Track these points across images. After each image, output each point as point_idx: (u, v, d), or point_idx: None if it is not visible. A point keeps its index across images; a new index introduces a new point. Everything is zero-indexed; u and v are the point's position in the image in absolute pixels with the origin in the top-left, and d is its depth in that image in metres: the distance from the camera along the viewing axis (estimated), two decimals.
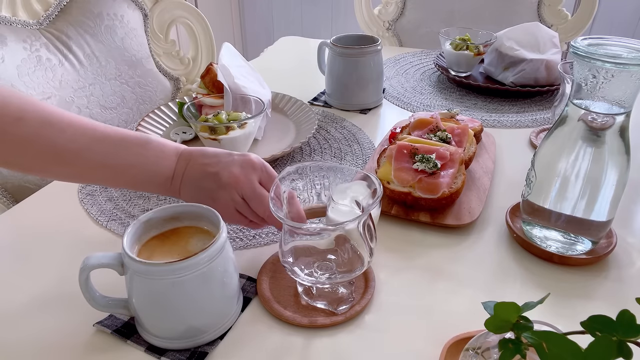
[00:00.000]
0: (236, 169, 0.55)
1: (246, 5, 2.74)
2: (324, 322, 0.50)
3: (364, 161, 0.81)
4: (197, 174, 0.56)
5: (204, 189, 0.55)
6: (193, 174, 0.56)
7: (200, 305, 0.46)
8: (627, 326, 0.31)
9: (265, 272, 0.56)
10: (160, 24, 1.11)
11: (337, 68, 0.97)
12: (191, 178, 0.56)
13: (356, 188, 0.52)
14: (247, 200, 0.55)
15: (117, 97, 0.99)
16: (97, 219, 0.67)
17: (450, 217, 0.65)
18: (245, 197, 0.55)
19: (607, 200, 0.54)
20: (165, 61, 1.13)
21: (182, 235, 0.50)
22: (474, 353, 0.39)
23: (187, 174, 0.56)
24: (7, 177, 0.78)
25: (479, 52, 1.08)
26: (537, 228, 0.59)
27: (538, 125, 0.93)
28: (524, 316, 0.35)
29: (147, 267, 0.44)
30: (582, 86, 0.51)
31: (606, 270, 0.57)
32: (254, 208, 0.55)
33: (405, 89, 1.10)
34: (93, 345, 0.49)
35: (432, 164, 0.65)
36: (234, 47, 0.92)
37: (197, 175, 0.56)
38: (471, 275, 0.57)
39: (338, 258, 0.50)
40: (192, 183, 0.56)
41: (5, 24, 0.83)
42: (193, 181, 0.56)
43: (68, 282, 0.54)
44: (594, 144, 0.52)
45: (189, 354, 0.47)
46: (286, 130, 0.89)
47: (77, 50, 0.93)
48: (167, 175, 0.56)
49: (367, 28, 1.57)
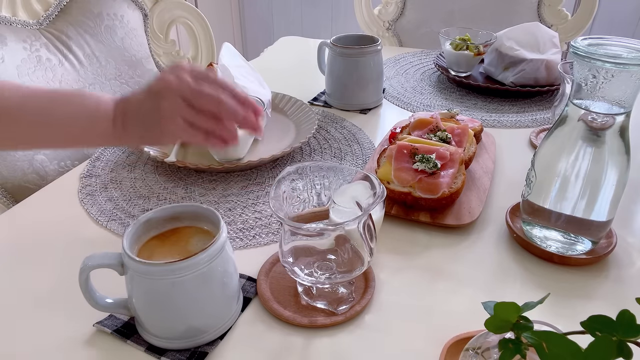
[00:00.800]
0: (166, 75, 0.53)
1: (246, 5, 2.74)
2: (324, 322, 0.50)
3: (364, 161, 0.81)
4: (136, 102, 0.55)
5: (145, 113, 0.54)
6: (133, 106, 0.55)
7: (200, 305, 0.46)
8: (627, 326, 0.31)
9: (265, 272, 0.56)
10: (160, 24, 1.11)
11: (337, 68, 0.97)
12: (132, 110, 0.55)
13: (357, 188, 0.52)
14: (191, 99, 0.52)
15: None
16: (97, 219, 0.67)
17: (450, 217, 0.65)
18: (187, 97, 0.52)
19: (607, 200, 0.54)
20: (166, 61, 1.13)
21: (182, 235, 0.50)
22: (474, 353, 0.39)
23: (128, 108, 0.55)
24: (7, 177, 0.78)
25: (479, 52, 1.08)
26: (537, 228, 0.59)
27: (538, 125, 0.93)
28: (524, 316, 0.35)
29: (147, 267, 0.44)
30: (582, 86, 0.51)
31: (606, 270, 0.57)
32: (200, 105, 0.52)
33: (405, 89, 1.10)
34: (93, 345, 0.49)
35: (432, 164, 0.65)
36: (234, 47, 0.92)
37: (136, 104, 0.55)
38: (471, 275, 0.57)
39: (338, 258, 0.50)
40: (134, 114, 0.55)
41: (5, 24, 0.83)
42: (134, 112, 0.55)
43: (68, 282, 0.54)
44: (594, 144, 0.52)
45: (189, 354, 0.47)
46: (286, 130, 0.89)
47: (77, 50, 0.93)
48: (108, 118, 0.55)
49: (367, 28, 1.57)
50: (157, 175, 0.77)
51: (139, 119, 0.55)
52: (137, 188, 0.74)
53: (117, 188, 0.74)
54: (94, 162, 0.81)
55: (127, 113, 0.55)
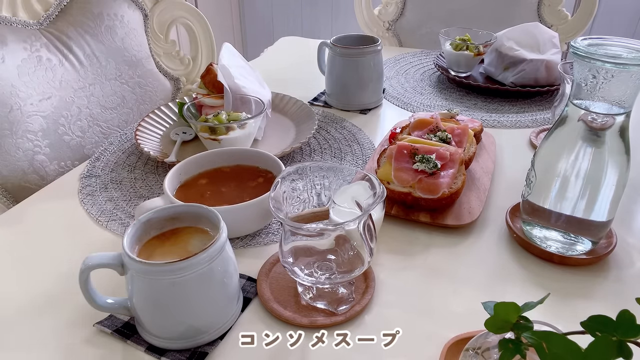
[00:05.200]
0: None
1: (246, 5, 2.74)
2: (324, 322, 0.50)
3: (364, 161, 0.81)
4: None
5: None
6: None
7: (200, 305, 0.46)
8: (627, 326, 0.31)
9: (265, 272, 0.56)
10: (160, 24, 1.11)
11: (337, 68, 0.97)
12: None
13: (357, 189, 0.52)
14: None
15: (117, 97, 0.99)
16: (97, 219, 0.67)
17: (450, 217, 0.65)
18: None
19: (607, 200, 0.54)
20: (166, 61, 1.13)
21: (182, 235, 0.50)
22: (474, 353, 0.39)
23: None
24: (7, 177, 0.78)
25: (479, 52, 1.08)
26: (537, 228, 0.59)
27: (538, 125, 0.93)
28: (524, 316, 0.35)
29: (147, 267, 0.44)
30: (582, 86, 0.51)
31: (606, 270, 0.57)
32: None
33: (405, 89, 1.10)
34: (93, 345, 0.49)
35: (432, 164, 0.65)
36: (234, 47, 0.92)
37: None
38: (471, 275, 0.57)
39: (338, 258, 0.50)
40: None
41: (6, 24, 0.83)
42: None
43: (68, 283, 0.54)
44: (594, 144, 0.52)
45: (189, 354, 0.47)
46: (286, 130, 0.89)
47: (77, 51, 0.93)
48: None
49: (367, 28, 1.57)
50: (157, 175, 0.77)
51: None
52: (137, 188, 0.74)
53: (117, 188, 0.74)
54: (94, 162, 0.81)
55: None
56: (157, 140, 0.85)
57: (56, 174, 0.84)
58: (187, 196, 0.62)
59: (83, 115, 0.92)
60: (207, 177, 0.66)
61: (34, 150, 0.82)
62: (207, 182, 0.65)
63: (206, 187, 0.64)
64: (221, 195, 0.63)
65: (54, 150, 0.85)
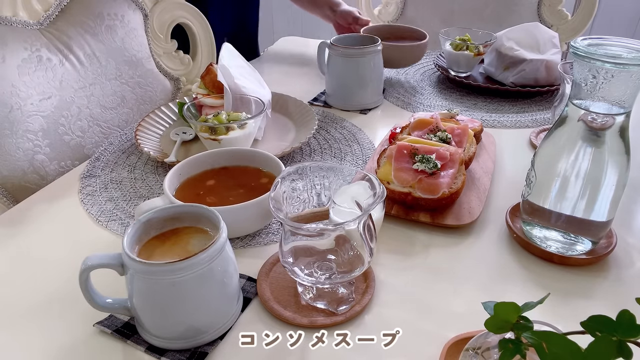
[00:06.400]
0: None
1: None
2: (324, 322, 0.50)
3: (364, 161, 0.81)
4: None
5: None
6: None
7: (200, 306, 0.46)
8: (627, 326, 0.31)
9: (265, 272, 0.56)
10: (160, 24, 1.11)
11: (338, 68, 0.97)
12: None
13: (357, 189, 0.52)
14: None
15: (117, 97, 0.99)
16: (97, 219, 0.67)
17: (450, 217, 0.65)
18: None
19: (607, 200, 0.54)
20: (166, 61, 1.13)
21: (182, 235, 0.50)
22: (474, 353, 0.39)
23: None
24: (7, 177, 0.78)
25: (479, 52, 1.08)
26: (537, 228, 0.59)
27: (538, 125, 0.93)
28: (524, 316, 0.35)
29: (147, 267, 0.44)
30: (582, 86, 0.51)
31: (606, 270, 0.57)
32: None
33: (405, 89, 1.10)
34: (93, 345, 0.49)
35: (432, 164, 0.65)
36: (234, 47, 0.91)
37: None
38: (471, 275, 0.57)
39: (338, 258, 0.50)
40: None
41: (6, 24, 0.83)
42: None
43: (68, 283, 0.54)
44: (594, 144, 0.52)
45: (189, 354, 0.47)
46: (286, 130, 0.89)
47: (77, 50, 0.93)
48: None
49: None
50: (157, 175, 0.77)
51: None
52: (137, 188, 0.74)
53: (117, 188, 0.74)
54: (94, 162, 0.81)
55: None
56: (157, 140, 0.85)
57: (56, 174, 0.84)
58: (187, 196, 0.62)
59: (83, 115, 0.92)
60: (207, 177, 0.66)
61: (34, 150, 0.82)
62: (207, 182, 0.65)
63: (206, 187, 0.64)
64: (221, 195, 0.63)
65: (54, 150, 0.85)
